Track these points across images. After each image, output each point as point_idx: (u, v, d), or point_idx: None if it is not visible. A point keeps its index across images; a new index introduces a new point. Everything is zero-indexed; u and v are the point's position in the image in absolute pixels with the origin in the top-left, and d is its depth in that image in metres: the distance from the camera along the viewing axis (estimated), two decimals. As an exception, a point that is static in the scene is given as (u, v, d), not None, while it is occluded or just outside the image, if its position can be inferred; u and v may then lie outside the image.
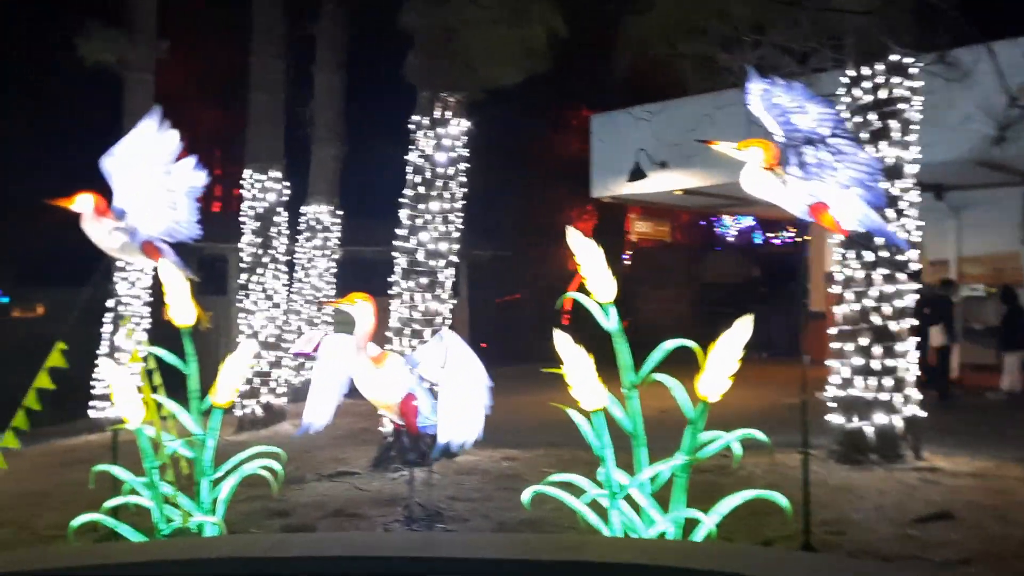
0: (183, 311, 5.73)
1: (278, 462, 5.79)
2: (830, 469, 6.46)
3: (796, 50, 6.39)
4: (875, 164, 4.39)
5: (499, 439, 7.85)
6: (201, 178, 5.66)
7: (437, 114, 7.48)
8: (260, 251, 10.45)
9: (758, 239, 21.77)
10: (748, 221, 23.17)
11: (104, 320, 11.18)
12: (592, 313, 4.77)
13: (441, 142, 7.51)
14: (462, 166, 7.70)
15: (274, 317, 10.48)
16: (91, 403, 11.07)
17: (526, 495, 4.92)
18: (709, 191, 12.35)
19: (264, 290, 10.41)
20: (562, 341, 4.77)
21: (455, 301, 7.80)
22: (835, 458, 6.56)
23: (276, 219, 10.60)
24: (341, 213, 13.51)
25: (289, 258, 11.03)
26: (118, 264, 11.18)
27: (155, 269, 11.05)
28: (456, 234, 7.66)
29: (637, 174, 11.76)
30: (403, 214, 7.68)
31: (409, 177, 7.65)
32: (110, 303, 11.14)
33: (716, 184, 11.74)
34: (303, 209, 13.10)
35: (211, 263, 14.93)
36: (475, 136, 7.64)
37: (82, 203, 5.94)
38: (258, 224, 10.51)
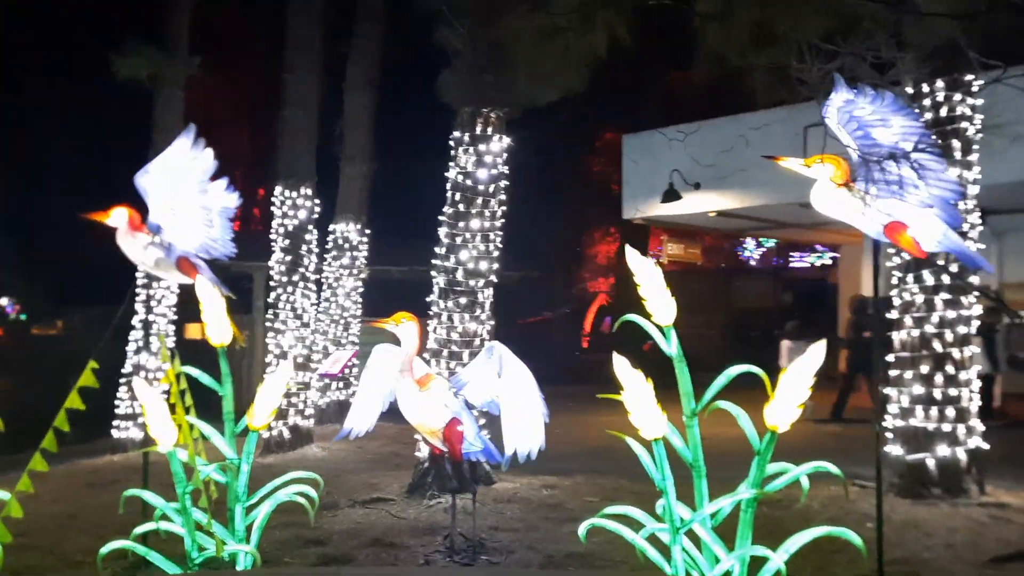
0: (220, 329, 5.54)
1: (314, 488, 5.58)
2: (891, 503, 6.16)
3: (875, 61, 6.16)
4: (959, 183, 4.14)
5: (537, 465, 7.55)
6: (234, 200, 5.54)
7: (479, 130, 7.30)
8: (290, 269, 10.29)
9: (792, 262, 21.44)
10: (771, 244, 22.93)
11: (129, 338, 11.03)
12: (650, 335, 4.55)
13: (483, 159, 7.33)
14: (503, 184, 7.51)
15: (303, 337, 10.30)
16: (114, 423, 10.88)
17: (582, 529, 4.68)
18: (743, 213, 12.12)
19: (293, 309, 10.23)
20: (621, 365, 4.54)
21: (493, 322, 7.57)
22: (895, 491, 6.26)
23: (307, 236, 10.45)
24: (369, 232, 13.37)
25: (317, 277, 10.85)
26: (142, 282, 11.06)
27: (180, 286, 10.92)
28: (496, 253, 7.46)
29: (671, 195, 11.55)
30: (442, 232, 7.48)
31: (448, 194, 7.46)
32: (135, 321, 11.00)
33: (751, 206, 11.52)
34: (331, 227, 12.97)
35: (236, 281, 14.80)
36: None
37: (117, 217, 5.81)
38: (288, 242, 10.35)
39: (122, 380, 10.90)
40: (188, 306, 11.46)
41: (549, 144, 20.59)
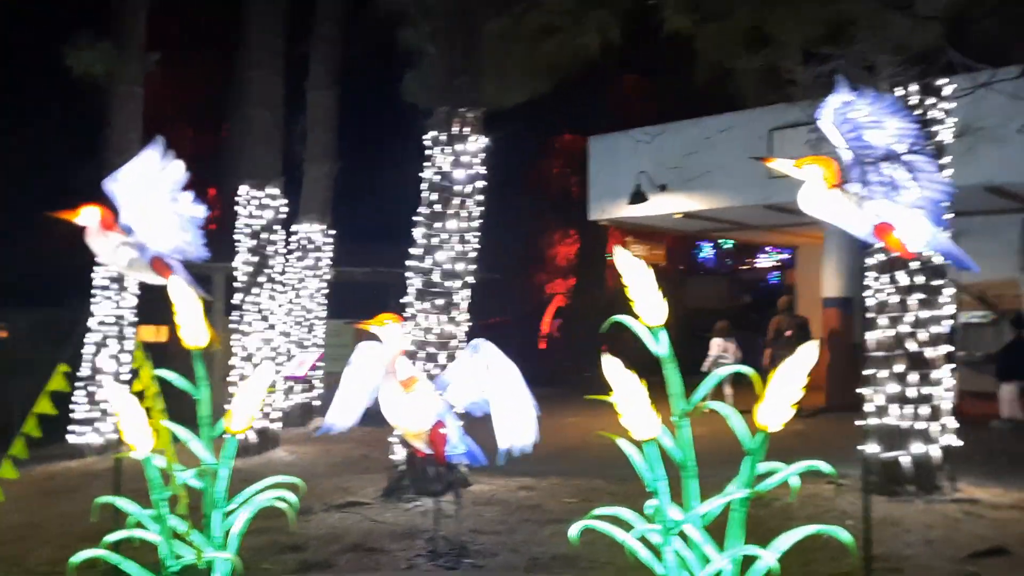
0: (195, 332, 5.39)
1: (294, 492, 5.46)
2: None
3: (865, 64, 6.25)
4: (950, 183, 4.21)
5: (511, 467, 7.51)
6: (201, 211, 5.44)
7: (455, 130, 7.24)
8: (256, 270, 10.09)
9: (745, 264, 21.73)
10: (728, 246, 23.22)
11: (85, 341, 10.73)
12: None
13: (459, 159, 7.27)
14: (479, 184, 7.46)
15: (269, 339, 10.11)
16: (70, 427, 10.55)
17: (574, 530, 4.65)
18: (708, 214, 12.23)
19: (260, 311, 10.04)
20: (611, 366, 4.52)
21: (470, 323, 7.52)
22: (871, 489, 6.34)
23: (272, 237, 10.27)
24: (333, 233, 13.19)
25: (282, 278, 10.67)
26: (99, 283, 10.77)
27: (142, 287, 10.64)
28: (473, 254, 7.40)
29: (638, 197, 11.62)
30: (417, 233, 7.41)
31: (424, 195, 7.39)
32: (92, 323, 10.71)
33: (716, 207, 11.63)
34: (294, 228, 12.77)
35: (197, 282, 14.48)
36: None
37: (87, 216, 5.62)
38: (254, 242, 10.16)
39: (78, 384, 10.59)
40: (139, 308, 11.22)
41: (506, 147, 20.60)
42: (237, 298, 10.17)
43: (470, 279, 7.43)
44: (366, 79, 15.54)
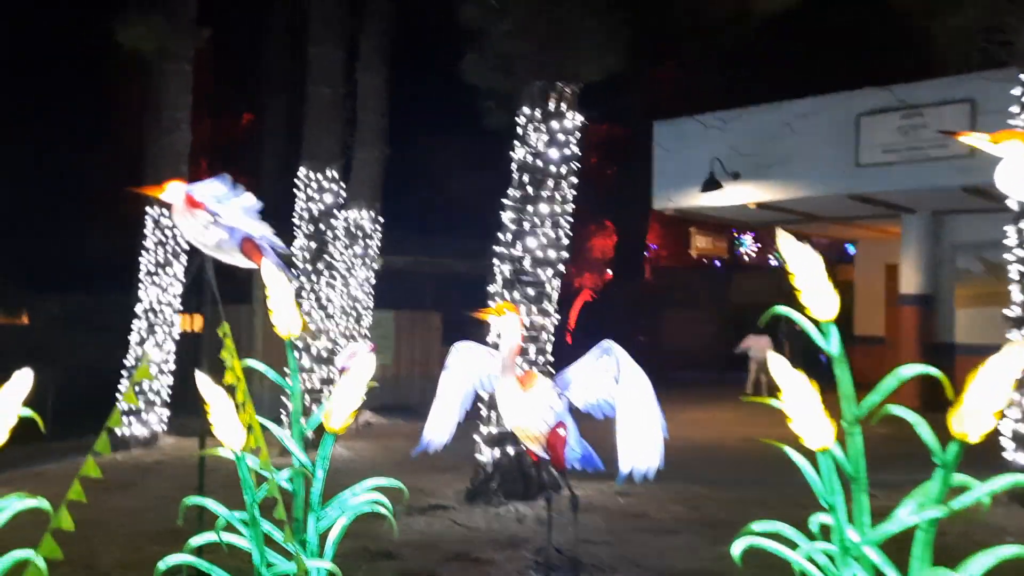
0: (288, 319, 4.89)
1: (384, 496, 4.96)
2: (1013, 513, 5.71)
3: None
4: None
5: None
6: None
7: (551, 107, 6.70)
8: (315, 256, 9.59)
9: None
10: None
11: (132, 328, 10.27)
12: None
13: (555, 137, 6.73)
14: (574, 165, 6.91)
15: (327, 329, 9.61)
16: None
17: (737, 548, 4.13)
18: (785, 205, 11.66)
19: (318, 299, 9.55)
20: (779, 366, 4.00)
21: (559, 316, 6.99)
22: (1019, 501, 5.82)
23: (332, 222, 9.76)
24: (382, 220, 12.69)
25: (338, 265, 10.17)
26: (149, 268, 10.30)
27: (191, 276, 10.15)
28: (566, 240, 6.87)
29: (712, 184, 11.05)
30: (506, 217, 6.88)
31: (515, 176, 6.86)
32: (138, 309, 10.25)
33: (795, 198, 11.06)
34: (343, 214, 12.26)
35: (233, 269, 14.03)
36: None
37: (173, 192, 5.17)
38: (312, 227, 9.65)
39: (123, 372, 10.14)
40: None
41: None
42: (294, 286, 9.68)
43: (562, 267, 6.89)
44: (413, 61, 15.01)
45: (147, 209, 10.40)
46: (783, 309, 4.32)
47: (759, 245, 22.39)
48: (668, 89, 18.05)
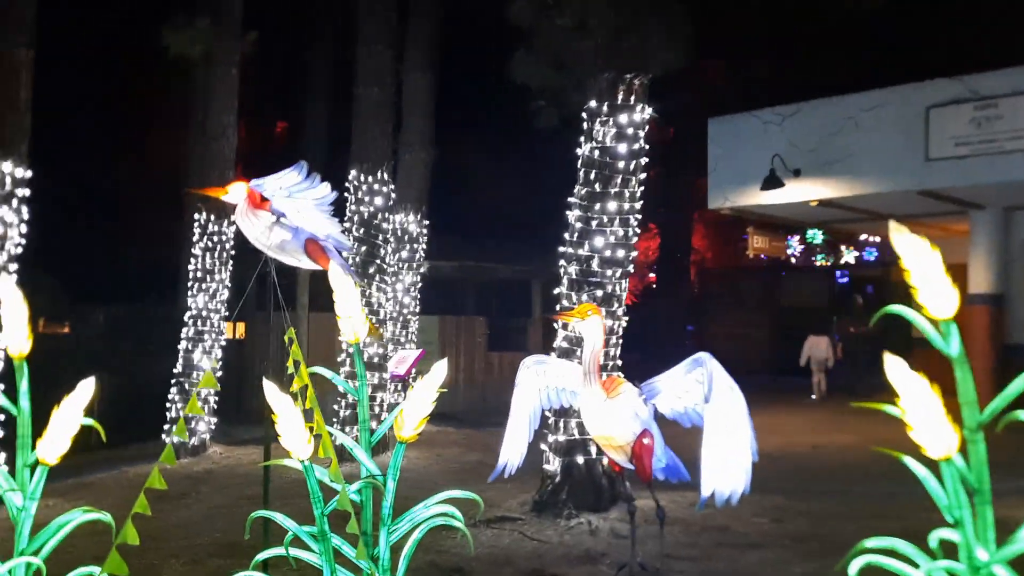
0: (355, 323, 4.64)
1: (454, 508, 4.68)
2: None
3: None
4: None
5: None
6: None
7: (620, 99, 6.40)
8: (365, 260, 9.37)
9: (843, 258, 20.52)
10: (817, 240, 21.97)
11: (181, 336, 10.11)
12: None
13: (623, 131, 6.42)
14: (643, 160, 6.60)
15: (381, 334, 9.38)
16: (165, 427, 9.94)
17: (854, 568, 3.79)
18: (848, 202, 11.22)
19: (368, 304, 9.32)
20: (898, 368, 3.65)
21: (627, 318, 6.67)
22: None
23: (383, 225, 9.53)
24: (428, 224, 12.45)
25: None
26: (196, 275, 10.15)
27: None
28: (635, 239, 6.55)
29: (773, 182, 10.65)
30: (572, 216, 6.58)
31: (581, 173, 6.57)
32: (186, 317, 10.09)
33: (860, 194, 10.62)
34: (392, 217, 12.05)
35: (282, 276, 13.86)
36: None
37: (236, 192, 4.99)
38: (363, 231, 9.43)
39: (172, 381, 9.99)
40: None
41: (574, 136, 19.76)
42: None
43: (631, 268, 6.58)
44: (456, 63, 14.77)
45: (195, 216, 10.25)
46: (899, 308, 3.97)
47: (803, 247, 21.75)
48: (716, 86, 17.64)
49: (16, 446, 3.57)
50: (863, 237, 21.79)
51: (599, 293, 6.40)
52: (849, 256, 21.29)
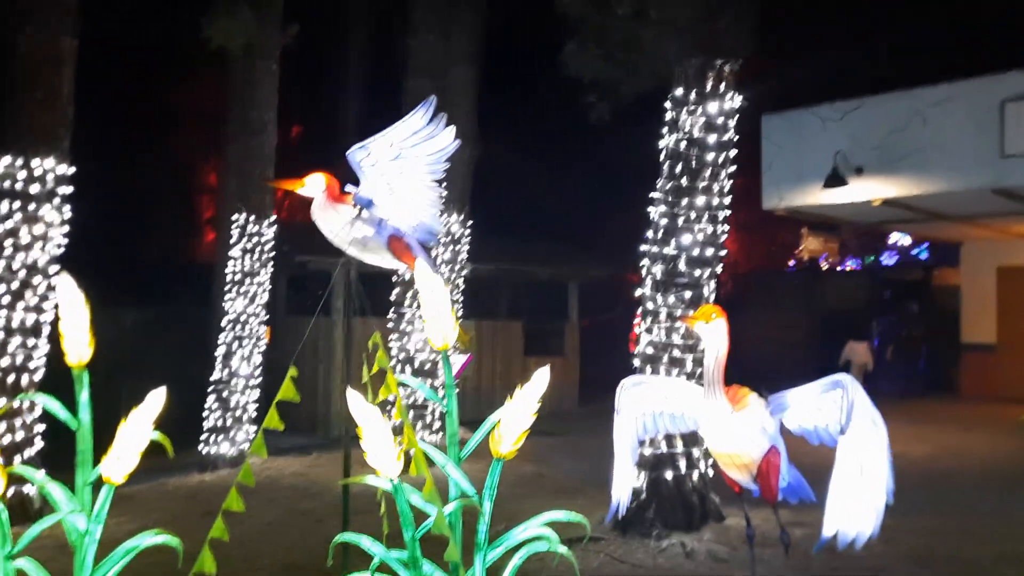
0: (443, 328, 4.21)
1: (552, 533, 4.23)
2: None
3: None
4: None
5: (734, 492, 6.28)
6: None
7: (709, 87, 5.96)
8: (416, 261, 8.94)
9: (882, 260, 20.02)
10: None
11: (219, 341, 9.70)
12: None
13: (713, 121, 5.99)
14: (732, 152, 6.16)
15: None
16: (202, 437, 9.53)
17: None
18: (914, 202, 10.75)
19: (419, 305, 8.90)
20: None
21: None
22: None
23: (434, 226, 9.10)
24: (471, 223, 12.02)
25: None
26: (235, 278, 9.74)
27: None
28: (724, 237, 6.11)
29: (835, 180, 10.20)
30: (656, 212, 6.15)
31: (666, 166, 6.14)
32: (224, 321, 9.68)
33: (928, 193, 10.15)
34: (437, 217, 11.63)
35: (307, 280, 13.49)
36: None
37: (313, 185, 4.62)
38: (413, 230, 9.00)
39: (210, 388, 9.58)
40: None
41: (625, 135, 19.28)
42: (395, 294, 9.06)
43: (719, 268, 6.14)
44: (499, 54, 14.33)
45: (233, 216, 9.85)
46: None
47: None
48: (765, 81, 17.19)
49: (75, 463, 3.20)
50: (893, 240, 21.33)
51: (687, 295, 5.97)
52: (888, 258, 20.83)
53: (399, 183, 4.34)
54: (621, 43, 8.86)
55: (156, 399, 3.34)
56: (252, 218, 9.74)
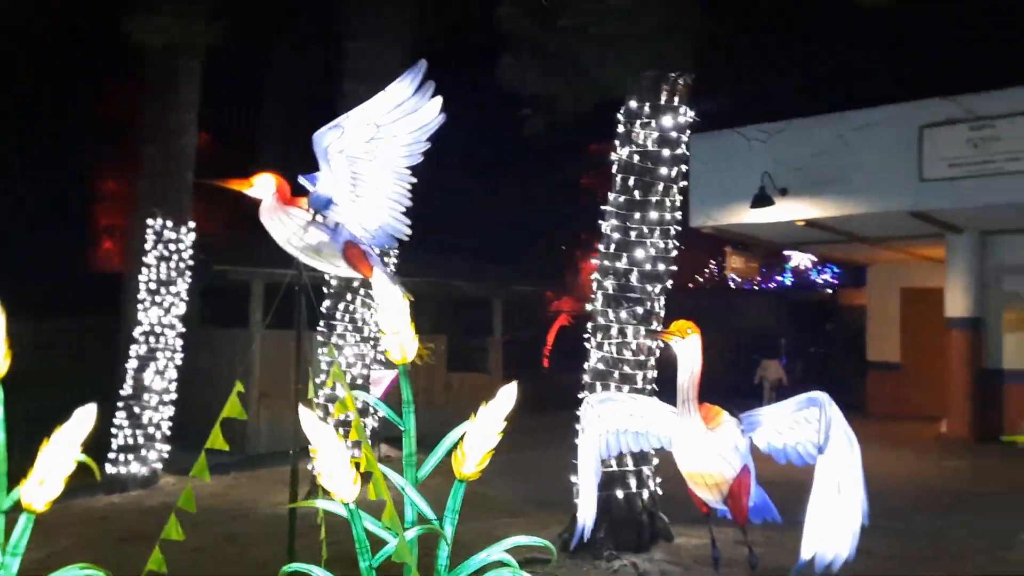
0: (403, 342, 3.98)
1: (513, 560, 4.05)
2: None
3: None
4: None
5: (689, 512, 6.18)
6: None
7: (663, 99, 5.93)
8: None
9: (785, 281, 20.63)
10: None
11: (130, 354, 9.13)
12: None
13: (666, 135, 5.95)
14: (683, 168, 6.14)
15: (363, 354, 8.65)
16: (110, 455, 8.91)
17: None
18: (835, 224, 11.06)
19: (353, 320, 8.60)
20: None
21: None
22: None
23: (361, 237, 8.83)
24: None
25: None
26: (149, 287, 9.19)
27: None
28: (675, 252, 6.07)
29: (763, 200, 10.40)
30: (607, 226, 6.07)
31: (618, 180, 6.07)
32: (137, 333, 9.11)
33: (850, 215, 10.45)
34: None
35: (232, 291, 12.90)
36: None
37: (262, 186, 4.29)
38: (343, 242, 8.69)
39: (119, 404, 8.98)
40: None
41: (534, 153, 19.28)
42: (325, 306, 8.71)
43: (669, 283, 6.09)
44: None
45: (148, 221, 9.31)
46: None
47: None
48: (709, 98, 17.57)
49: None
50: (794, 263, 22.06)
51: (639, 310, 5.89)
52: (788, 279, 21.51)
53: (367, 174, 3.97)
54: (559, 58, 8.82)
55: (85, 416, 2.96)
56: (169, 224, 9.23)
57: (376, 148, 3.84)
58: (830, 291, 18.92)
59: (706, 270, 23.91)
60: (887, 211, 10.07)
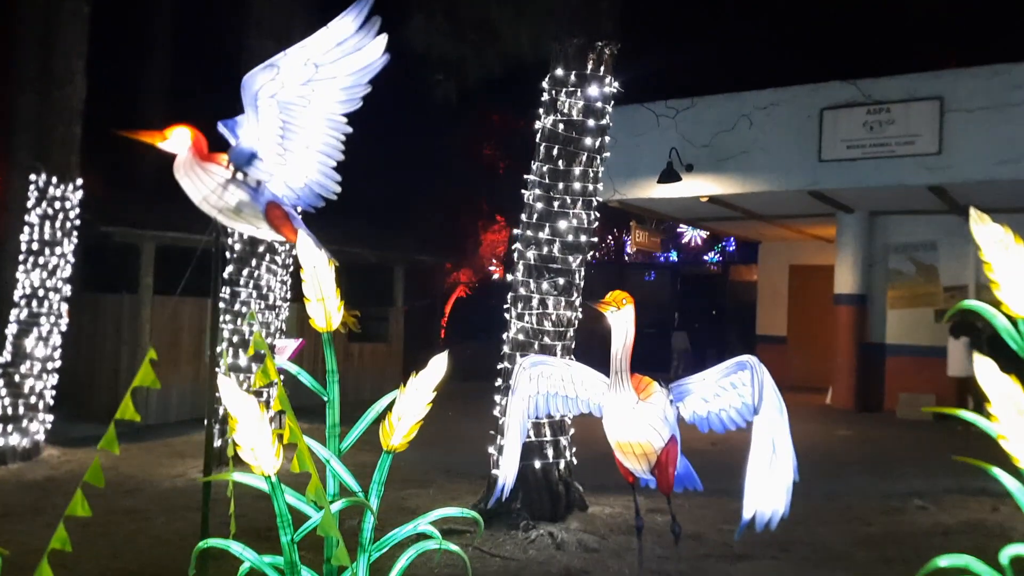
0: (328, 309, 3.82)
1: (429, 527, 3.98)
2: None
3: None
4: None
5: (600, 481, 6.26)
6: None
7: (589, 68, 5.87)
8: (254, 239, 8.29)
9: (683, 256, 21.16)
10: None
11: (9, 319, 8.52)
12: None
13: (592, 105, 5.90)
14: (607, 139, 6.12)
15: (267, 322, 8.34)
16: (-11, 426, 8.32)
17: (1005, 556, 3.45)
18: (737, 200, 11.33)
19: (258, 287, 8.26)
20: (988, 371, 3.38)
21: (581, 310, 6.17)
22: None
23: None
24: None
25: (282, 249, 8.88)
26: (32, 247, 8.57)
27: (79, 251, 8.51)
28: (596, 224, 6.06)
29: (670, 175, 10.54)
30: (531, 195, 5.98)
31: (542, 149, 5.98)
32: (17, 296, 8.51)
33: (751, 192, 10.73)
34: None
35: (119, 253, 12.20)
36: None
37: (178, 140, 3.95)
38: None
39: (-2, 372, 8.39)
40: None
41: (437, 124, 19.00)
42: (228, 271, 8.33)
43: (590, 255, 6.08)
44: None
45: (30, 177, 8.66)
46: (974, 303, 3.68)
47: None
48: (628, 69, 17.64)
49: None
50: (688, 239, 22.66)
51: (560, 281, 5.86)
52: (680, 254, 22.08)
53: (299, 122, 3.68)
54: (472, 21, 8.66)
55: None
56: (53, 180, 8.61)
57: (312, 92, 3.54)
58: (714, 267, 19.54)
59: (603, 243, 24.27)
60: (787, 190, 10.40)
